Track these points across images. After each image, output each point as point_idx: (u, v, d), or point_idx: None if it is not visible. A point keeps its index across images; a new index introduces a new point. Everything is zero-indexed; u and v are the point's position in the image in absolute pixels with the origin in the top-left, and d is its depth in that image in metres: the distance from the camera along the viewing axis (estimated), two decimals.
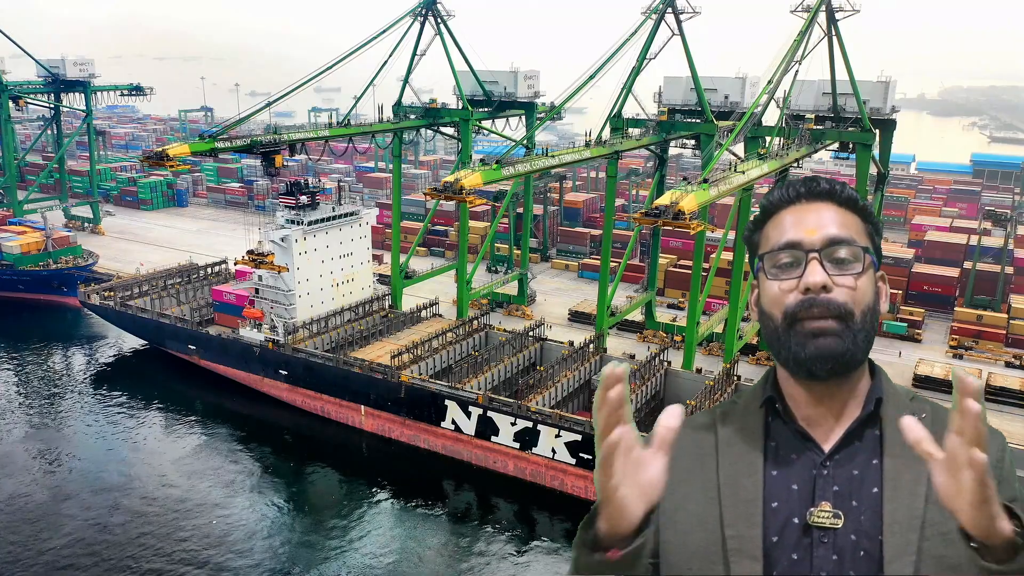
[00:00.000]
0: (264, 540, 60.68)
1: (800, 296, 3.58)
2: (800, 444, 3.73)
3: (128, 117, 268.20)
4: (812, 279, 3.56)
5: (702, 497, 3.73)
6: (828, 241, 3.61)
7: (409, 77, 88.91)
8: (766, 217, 3.88)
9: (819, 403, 3.74)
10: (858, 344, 3.56)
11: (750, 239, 3.95)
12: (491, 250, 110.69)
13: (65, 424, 79.50)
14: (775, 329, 3.67)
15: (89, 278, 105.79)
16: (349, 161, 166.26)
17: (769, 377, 3.99)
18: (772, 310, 3.69)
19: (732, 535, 3.59)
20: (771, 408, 3.87)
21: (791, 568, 3.49)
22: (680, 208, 57.75)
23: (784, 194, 3.85)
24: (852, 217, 3.74)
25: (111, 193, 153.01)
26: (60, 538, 59.46)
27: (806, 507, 3.55)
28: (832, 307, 3.54)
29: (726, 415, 4.00)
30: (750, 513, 3.62)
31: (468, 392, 71.19)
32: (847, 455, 3.65)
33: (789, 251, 3.67)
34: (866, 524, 3.47)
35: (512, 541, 62.65)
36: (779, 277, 3.68)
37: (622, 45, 76.33)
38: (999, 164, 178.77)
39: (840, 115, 74.19)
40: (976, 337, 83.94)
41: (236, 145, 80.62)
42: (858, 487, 3.56)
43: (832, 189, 3.77)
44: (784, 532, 3.55)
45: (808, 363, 3.56)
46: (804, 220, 3.71)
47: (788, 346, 3.61)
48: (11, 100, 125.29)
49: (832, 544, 3.46)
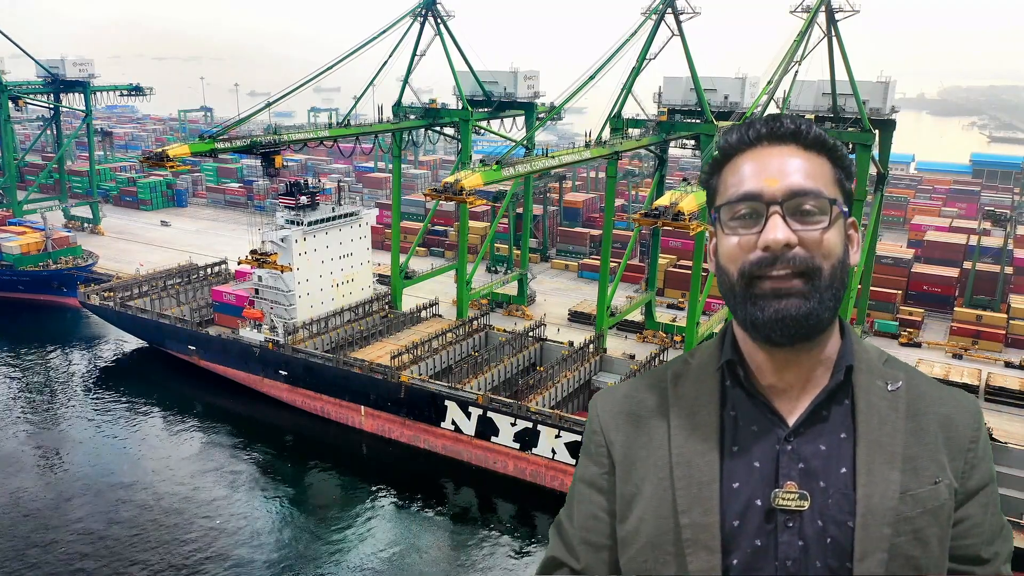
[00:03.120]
0: (264, 540, 60.67)
1: (760, 253, 3.19)
2: (762, 416, 3.35)
3: (127, 117, 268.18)
4: (772, 235, 3.15)
5: (654, 478, 3.38)
6: (791, 192, 3.19)
7: (409, 77, 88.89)
8: (725, 160, 3.42)
9: (783, 369, 3.35)
10: (825, 304, 3.18)
11: (707, 183, 3.52)
12: (491, 250, 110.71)
13: (65, 425, 79.45)
14: (731, 287, 3.29)
15: (89, 278, 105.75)
16: (349, 161, 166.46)
17: (727, 335, 3.55)
18: (728, 266, 3.30)
19: (687, 523, 3.24)
20: (731, 372, 3.45)
21: (753, 556, 3.17)
22: (680, 208, 57.80)
23: (743, 135, 3.37)
24: (820, 161, 3.30)
25: (111, 193, 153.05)
26: (65, 537, 59.45)
27: (769, 488, 3.20)
28: (797, 263, 3.15)
29: (678, 377, 3.58)
30: (706, 497, 3.25)
31: (468, 392, 71.20)
32: (814, 430, 3.29)
33: (747, 203, 3.24)
34: (833, 508, 3.16)
35: (512, 541, 62.67)
36: (736, 231, 3.27)
37: (622, 45, 76.35)
38: (999, 164, 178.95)
39: (840, 115, 74.20)
40: (976, 337, 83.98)
41: (236, 146, 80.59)
42: (826, 466, 3.22)
43: (797, 129, 3.30)
44: (745, 516, 3.20)
45: (766, 327, 3.19)
46: (765, 167, 3.26)
47: (745, 307, 3.23)
48: (11, 100, 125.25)
49: (798, 529, 3.15)
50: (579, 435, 65.31)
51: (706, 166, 3.58)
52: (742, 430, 3.36)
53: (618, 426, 3.61)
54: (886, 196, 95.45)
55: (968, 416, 3.41)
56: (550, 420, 67.09)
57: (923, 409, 3.36)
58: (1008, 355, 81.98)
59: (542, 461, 68.01)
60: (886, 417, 3.31)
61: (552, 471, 67.82)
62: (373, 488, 69.66)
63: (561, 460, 66.81)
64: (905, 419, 3.32)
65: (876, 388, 3.38)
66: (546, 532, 52.01)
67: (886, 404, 3.34)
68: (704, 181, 3.56)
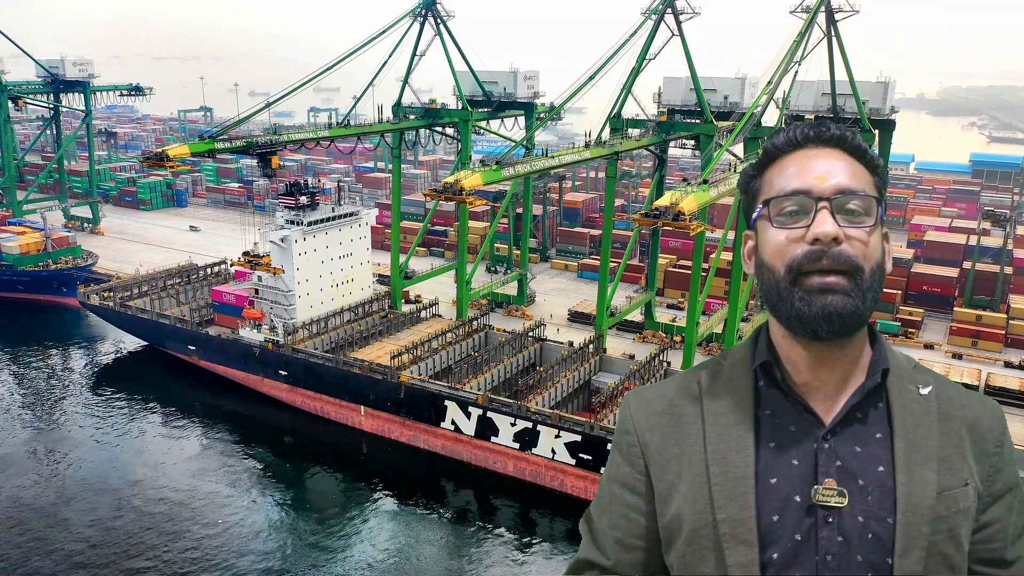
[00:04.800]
0: (264, 540, 60.67)
1: (807, 247, 3.25)
2: (798, 415, 3.42)
3: (127, 117, 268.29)
4: (822, 229, 3.22)
5: (689, 475, 3.45)
6: (839, 190, 3.29)
7: (409, 77, 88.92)
8: (769, 161, 3.52)
9: (819, 367, 3.43)
10: (867, 303, 3.26)
11: (748, 185, 3.59)
12: (491, 250, 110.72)
13: (65, 425, 79.42)
14: (776, 283, 3.34)
15: (89, 278, 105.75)
16: (349, 161, 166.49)
17: (760, 337, 3.62)
18: (774, 262, 3.35)
19: (723, 518, 3.31)
20: (766, 373, 3.52)
21: (794, 550, 3.23)
22: (680, 209, 57.80)
23: (791, 137, 3.50)
24: (861, 168, 3.43)
25: (110, 193, 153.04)
26: (66, 537, 59.46)
27: (808, 484, 3.26)
28: (842, 260, 3.23)
29: (713, 377, 3.65)
30: (741, 492, 3.32)
31: (468, 392, 71.19)
32: (851, 430, 3.37)
33: (796, 198, 3.32)
34: (874, 505, 3.22)
35: (512, 541, 62.66)
36: (785, 225, 3.33)
37: (622, 46, 76.39)
38: (998, 164, 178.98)
39: (839, 115, 74.15)
40: (975, 337, 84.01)
41: (235, 146, 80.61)
42: (863, 464, 3.30)
43: (843, 135, 3.44)
44: (785, 511, 3.27)
45: (813, 321, 3.24)
46: (813, 166, 3.37)
47: (791, 302, 3.28)
48: (10, 100, 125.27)
49: (838, 525, 3.21)
50: (579, 435, 65.37)
51: (748, 167, 3.65)
52: (779, 428, 3.43)
53: (652, 426, 3.64)
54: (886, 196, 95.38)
55: (994, 420, 3.50)
56: (550, 420, 67.07)
57: (952, 413, 3.45)
58: (1008, 355, 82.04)
59: (542, 461, 68.00)
60: (920, 420, 3.40)
61: (552, 471, 67.81)
62: (373, 488, 69.68)
63: (561, 460, 66.79)
64: (937, 422, 3.41)
65: (909, 392, 3.46)
66: (546, 532, 52.15)
67: (919, 407, 3.43)
68: (744, 184, 3.62)
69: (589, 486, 65.23)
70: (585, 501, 64.66)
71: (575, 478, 66.59)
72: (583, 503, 64.54)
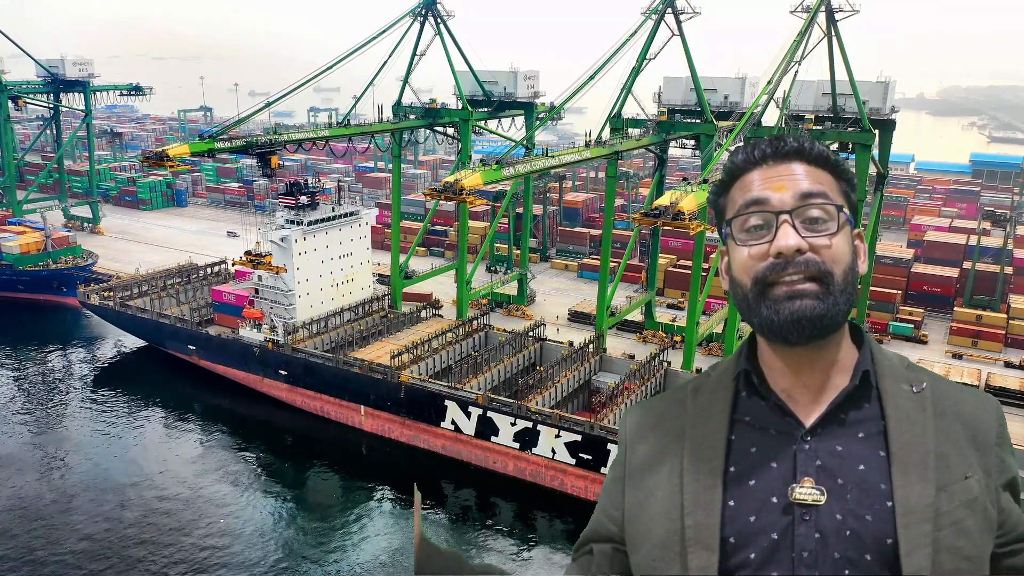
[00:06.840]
0: (264, 540, 60.67)
1: (772, 260, 3.31)
2: (778, 418, 3.49)
3: (127, 117, 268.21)
4: (784, 243, 3.28)
5: (667, 484, 3.55)
6: (799, 197, 3.33)
7: (409, 77, 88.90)
8: (732, 180, 3.57)
9: (798, 372, 3.49)
10: (839, 306, 3.32)
11: (715, 203, 3.66)
12: (491, 250, 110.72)
13: (65, 424, 79.45)
14: (745, 296, 3.41)
15: (89, 278, 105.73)
16: (349, 161, 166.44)
17: (744, 348, 3.72)
18: (741, 277, 3.42)
19: (691, 524, 3.40)
20: (746, 381, 3.60)
21: (771, 549, 3.27)
22: (680, 208, 57.82)
23: (749, 155, 3.52)
24: (824, 174, 3.45)
25: (110, 193, 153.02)
26: (66, 536, 59.45)
27: (787, 485, 3.32)
28: (810, 268, 3.28)
29: (697, 390, 3.75)
30: (709, 501, 3.41)
31: (468, 392, 71.20)
32: (831, 430, 3.41)
33: (757, 211, 3.38)
34: (853, 503, 3.26)
35: (512, 541, 62.65)
36: (747, 243, 3.39)
37: (622, 45, 76.39)
38: (998, 164, 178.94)
39: (840, 115, 74.19)
40: (975, 337, 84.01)
41: (235, 146, 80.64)
42: (843, 463, 3.33)
43: (801, 147, 3.45)
44: (762, 512, 3.32)
45: (783, 328, 3.31)
46: (772, 181, 3.41)
47: (759, 312, 3.35)
48: (10, 100, 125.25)
49: (815, 522, 3.25)
50: (579, 435, 65.50)
51: (713, 186, 3.72)
52: (758, 433, 3.50)
53: (641, 437, 3.79)
54: (886, 196, 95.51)
55: (990, 413, 3.52)
56: (550, 420, 67.07)
57: (948, 408, 3.46)
58: (1008, 355, 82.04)
59: (542, 461, 68.00)
60: (915, 418, 3.42)
61: (552, 471, 67.81)
62: (373, 488, 69.68)
63: (561, 460, 66.80)
64: (934, 419, 3.42)
65: (902, 391, 3.49)
66: (546, 532, 52.19)
67: (913, 405, 3.45)
68: (712, 202, 3.70)
69: (589, 486, 65.24)
70: (585, 501, 64.69)
71: (575, 478, 66.59)
72: (583, 503, 64.57)
